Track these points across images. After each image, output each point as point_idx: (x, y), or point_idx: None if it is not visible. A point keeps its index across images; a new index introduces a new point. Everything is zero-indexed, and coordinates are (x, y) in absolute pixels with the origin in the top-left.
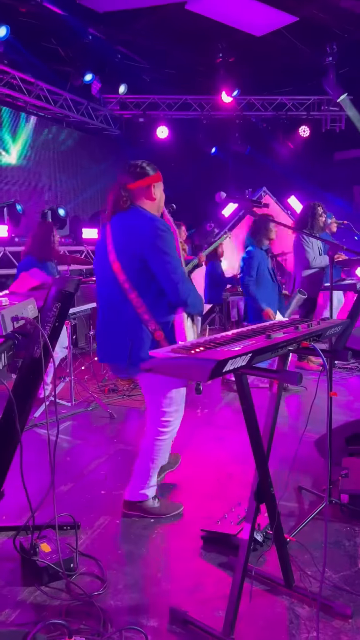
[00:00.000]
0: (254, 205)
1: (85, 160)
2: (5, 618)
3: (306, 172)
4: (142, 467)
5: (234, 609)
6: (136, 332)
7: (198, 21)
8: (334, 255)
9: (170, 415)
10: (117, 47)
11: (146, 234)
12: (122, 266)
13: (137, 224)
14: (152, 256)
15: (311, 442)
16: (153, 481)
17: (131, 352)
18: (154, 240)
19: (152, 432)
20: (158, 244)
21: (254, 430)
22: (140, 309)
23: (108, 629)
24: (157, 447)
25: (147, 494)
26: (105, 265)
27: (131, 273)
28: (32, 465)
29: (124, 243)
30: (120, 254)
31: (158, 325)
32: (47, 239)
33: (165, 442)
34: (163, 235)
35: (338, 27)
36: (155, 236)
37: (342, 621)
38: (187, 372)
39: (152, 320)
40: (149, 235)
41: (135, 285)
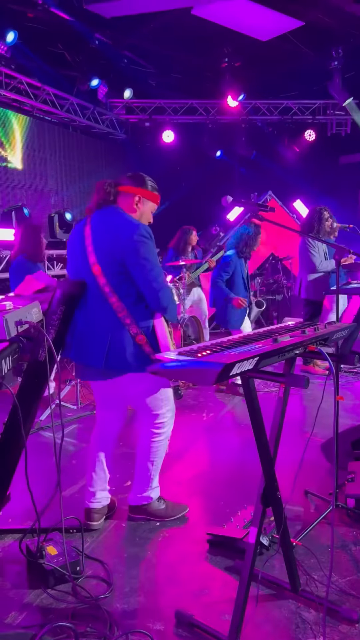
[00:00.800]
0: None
1: (92, 165)
2: (12, 620)
3: (312, 176)
4: (142, 470)
5: (240, 613)
6: (117, 336)
7: (204, 26)
8: (340, 259)
9: (164, 416)
10: (123, 51)
11: (128, 239)
12: (102, 269)
13: (119, 227)
14: (133, 262)
15: (317, 446)
16: (155, 483)
17: (108, 355)
18: (136, 246)
19: (147, 434)
20: (139, 251)
21: (260, 434)
22: (121, 314)
23: (114, 632)
24: (153, 448)
25: (151, 496)
26: (83, 266)
27: (111, 277)
28: (38, 469)
29: (105, 246)
30: (100, 257)
31: (139, 330)
32: (38, 240)
33: (161, 442)
34: (145, 241)
35: (343, 31)
36: (137, 242)
37: (348, 626)
38: (193, 375)
39: (134, 325)
40: (131, 241)
41: (116, 290)
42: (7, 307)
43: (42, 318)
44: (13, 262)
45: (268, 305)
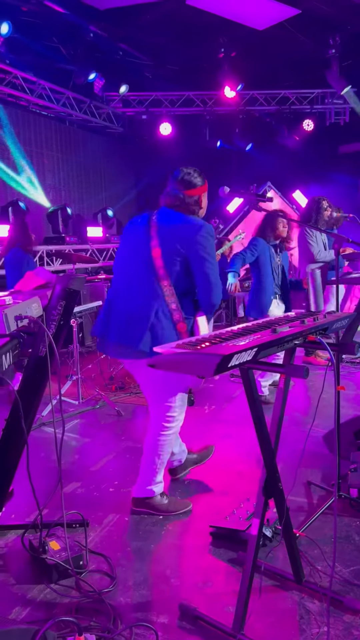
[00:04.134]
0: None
1: (89, 159)
2: (16, 616)
3: (311, 166)
4: (147, 463)
5: (243, 605)
6: (160, 318)
7: (199, 16)
8: (339, 249)
9: (175, 410)
10: (118, 44)
11: (195, 233)
12: (162, 253)
13: (187, 221)
14: (196, 257)
15: (319, 437)
16: (159, 477)
17: (147, 336)
18: (201, 243)
19: (156, 427)
20: (204, 247)
21: (260, 426)
22: (169, 298)
23: (118, 626)
24: (161, 442)
25: (154, 490)
26: (143, 248)
27: (169, 262)
28: (41, 464)
29: (170, 234)
30: (162, 242)
31: (182, 318)
32: (26, 233)
33: (169, 437)
34: (210, 239)
35: (341, 19)
36: (202, 239)
37: (352, 616)
38: (192, 367)
39: (179, 312)
40: (197, 237)
41: (170, 275)
42: (7, 301)
43: (42, 313)
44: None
45: None
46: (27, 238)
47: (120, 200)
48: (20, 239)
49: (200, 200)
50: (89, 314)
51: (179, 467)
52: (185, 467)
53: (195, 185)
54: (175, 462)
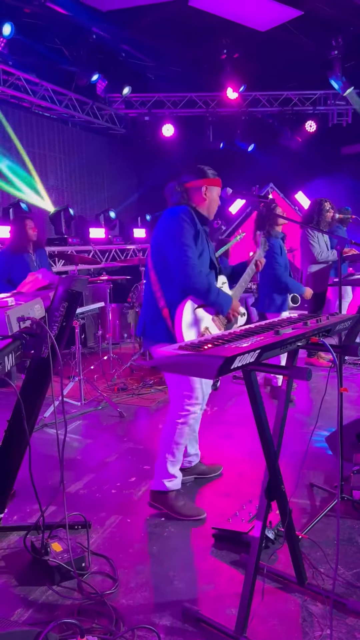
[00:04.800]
0: (261, 201)
1: (92, 160)
2: (18, 617)
3: (313, 167)
4: (161, 454)
5: (246, 607)
6: (150, 306)
7: (202, 17)
8: (341, 250)
9: (190, 401)
10: (121, 45)
11: (168, 221)
12: (151, 248)
13: (165, 212)
14: (169, 242)
15: (322, 439)
16: (172, 470)
17: (145, 326)
18: (171, 227)
19: (172, 417)
20: (173, 230)
21: (263, 427)
22: (155, 287)
23: (120, 628)
24: (176, 432)
25: (167, 485)
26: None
27: (155, 255)
28: (43, 465)
29: (156, 228)
30: (153, 239)
31: (166, 304)
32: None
33: (184, 428)
34: (180, 222)
35: (343, 20)
36: (172, 223)
37: (355, 618)
38: (195, 369)
39: (162, 298)
40: (170, 222)
41: (154, 266)
42: (10, 303)
43: (45, 314)
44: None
45: None
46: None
47: (122, 202)
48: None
49: (199, 192)
50: (91, 315)
51: (186, 469)
52: (191, 472)
53: (198, 176)
54: (186, 463)
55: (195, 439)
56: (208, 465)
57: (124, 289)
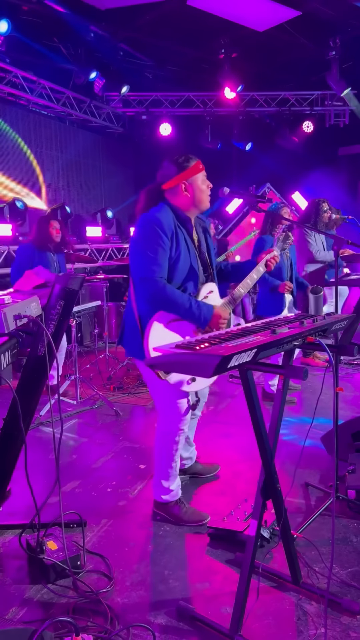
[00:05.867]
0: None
1: (89, 159)
2: (13, 616)
3: (310, 167)
4: (156, 466)
5: (241, 606)
6: (128, 317)
7: (200, 17)
8: (339, 250)
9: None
10: (119, 44)
11: (137, 227)
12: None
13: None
14: (132, 252)
15: (317, 438)
16: (169, 483)
17: (123, 334)
18: (138, 233)
19: (161, 430)
20: (135, 237)
21: (259, 427)
22: (132, 295)
23: (115, 627)
24: (166, 446)
25: (165, 497)
26: None
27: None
28: (39, 464)
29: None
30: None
31: (139, 316)
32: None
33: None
34: (145, 226)
35: (341, 21)
36: (140, 229)
37: (350, 617)
38: (191, 368)
39: (136, 309)
40: (138, 229)
41: (131, 274)
42: (6, 300)
43: (41, 313)
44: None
45: None
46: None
47: (119, 200)
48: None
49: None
50: (88, 313)
51: (181, 469)
52: (186, 472)
53: (169, 176)
54: (180, 465)
55: (189, 443)
56: (204, 465)
57: (120, 287)
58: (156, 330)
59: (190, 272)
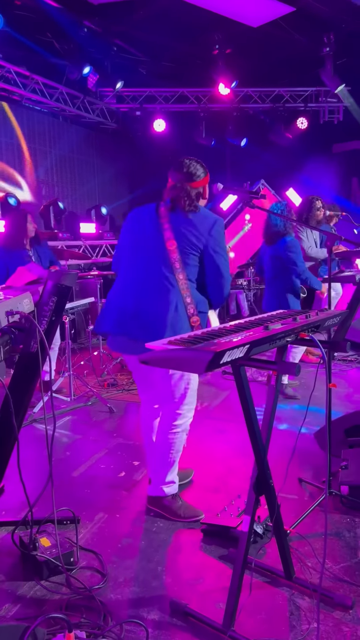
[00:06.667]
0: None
1: (82, 155)
2: (5, 613)
3: (304, 164)
4: (157, 461)
5: (234, 601)
6: (178, 312)
7: (194, 12)
8: (332, 246)
9: (184, 407)
10: (112, 39)
11: (209, 228)
12: (178, 246)
13: (203, 217)
14: (209, 251)
15: (311, 434)
16: (170, 477)
17: (166, 330)
18: (215, 237)
19: (166, 424)
20: (218, 241)
21: (252, 422)
22: (184, 291)
23: (108, 623)
24: (171, 440)
25: (165, 490)
26: (151, 239)
27: (185, 256)
28: (32, 461)
29: (185, 228)
30: (177, 235)
31: (196, 312)
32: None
33: (179, 435)
34: (222, 234)
35: (335, 17)
36: (216, 233)
37: (342, 612)
38: (184, 364)
39: (192, 306)
40: (212, 231)
41: (186, 268)
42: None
43: (34, 309)
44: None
45: (260, 295)
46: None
47: (113, 196)
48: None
49: (204, 191)
50: (82, 310)
51: None
52: None
53: (199, 177)
54: None
55: None
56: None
57: None
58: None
59: None
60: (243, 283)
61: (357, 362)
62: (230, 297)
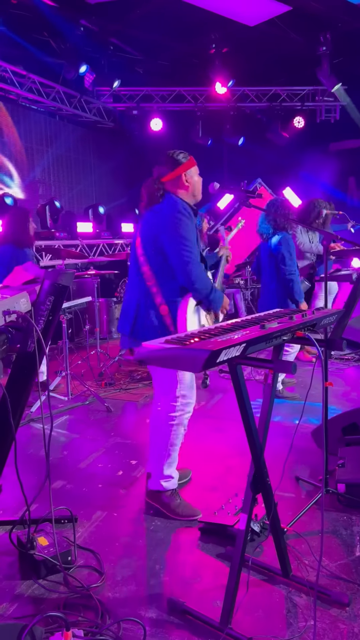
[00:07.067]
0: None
1: (80, 154)
2: (3, 611)
3: (301, 163)
4: (154, 454)
5: (231, 599)
6: (143, 303)
7: (191, 11)
8: (328, 245)
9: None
10: (109, 39)
11: (166, 215)
12: (142, 242)
13: (161, 206)
14: (168, 237)
15: (308, 432)
16: (168, 471)
17: (135, 322)
18: (172, 221)
19: (158, 417)
20: (174, 226)
21: (248, 421)
22: (149, 282)
23: (106, 621)
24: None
25: (164, 485)
26: (132, 246)
27: (148, 250)
28: (29, 460)
29: (148, 221)
30: (142, 230)
31: (164, 300)
32: (23, 226)
33: (175, 428)
34: (181, 218)
35: (332, 16)
36: (173, 217)
37: (339, 609)
38: (180, 363)
39: (159, 294)
40: (168, 217)
41: (149, 261)
42: None
43: (31, 309)
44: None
45: (257, 294)
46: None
47: (110, 196)
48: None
49: (179, 181)
50: (79, 310)
51: None
52: None
53: (173, 167)
54: None
55: None
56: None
57: (111, 283)
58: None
59: (201, 259)
60: (240, 282)
61: (355, 360)
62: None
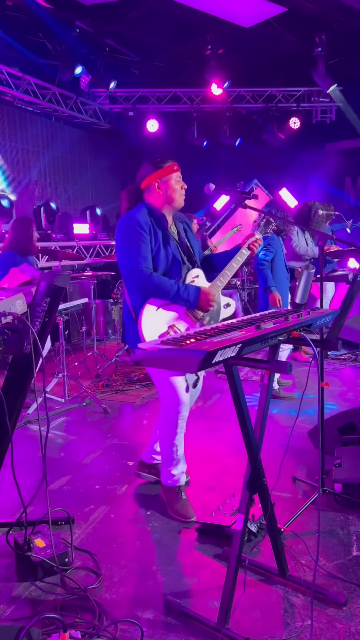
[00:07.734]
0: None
1: (76, 155)
2: (0, 613)
3: (297, 164)
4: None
5: (228, 599)
6: (124, 311)
7: (186, 13)
8: (323, 246)
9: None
10: (105, 40)
11: (118, 228)
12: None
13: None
14: (118, 250)
15: (304, 432)
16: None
17: (124, 326)
18: (120, 233)
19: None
20: (117, 238)
21: (244, 421)
22: (124, 288)
23: (103, 622)
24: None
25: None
26: None
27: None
28: (26, 462)
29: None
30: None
31: (132, 306)
32: (27, 234)
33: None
34: (123, 228)
35: (327, 17)
36: (120, 227)
37: (336, 609)
38: (176, 363)
39: (130, 299)
40: (118, 226)
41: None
42: None
43: (27, 310)
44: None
45: (254, 295)
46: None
47: (106, 197)
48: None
49: (151, 189)
50: (75, 311)
51: (152, 465)
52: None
53: (145, 176)
54: (155, 461)
55: None
56: None
57: (108, 285)
58: (148, 314)
59: (173, 260)
60: (237, 283)
61: (351, 360)
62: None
